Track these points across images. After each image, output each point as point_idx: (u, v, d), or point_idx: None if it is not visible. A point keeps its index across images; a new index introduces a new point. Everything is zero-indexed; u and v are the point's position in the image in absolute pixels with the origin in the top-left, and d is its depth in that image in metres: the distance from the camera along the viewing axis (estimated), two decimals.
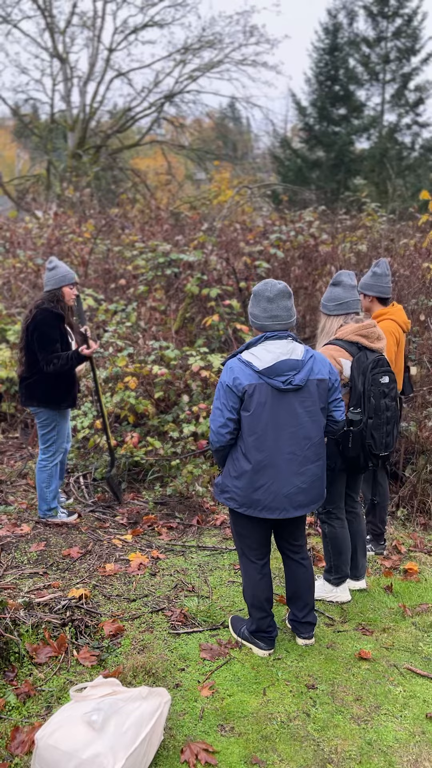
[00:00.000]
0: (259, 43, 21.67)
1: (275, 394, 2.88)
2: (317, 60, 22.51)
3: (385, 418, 3.36)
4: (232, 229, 8.44)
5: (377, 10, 22.61)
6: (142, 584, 3.90)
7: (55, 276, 4.59)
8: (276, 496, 2.93)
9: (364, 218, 9.40)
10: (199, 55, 21.93)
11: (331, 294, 3.53)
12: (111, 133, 21.58)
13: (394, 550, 4.54)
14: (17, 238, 8.87)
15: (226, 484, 3.03)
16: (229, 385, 2.89)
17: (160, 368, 5.75)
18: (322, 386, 2.95)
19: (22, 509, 4.98)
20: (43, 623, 3.21)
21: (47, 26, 21.00)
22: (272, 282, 2.97)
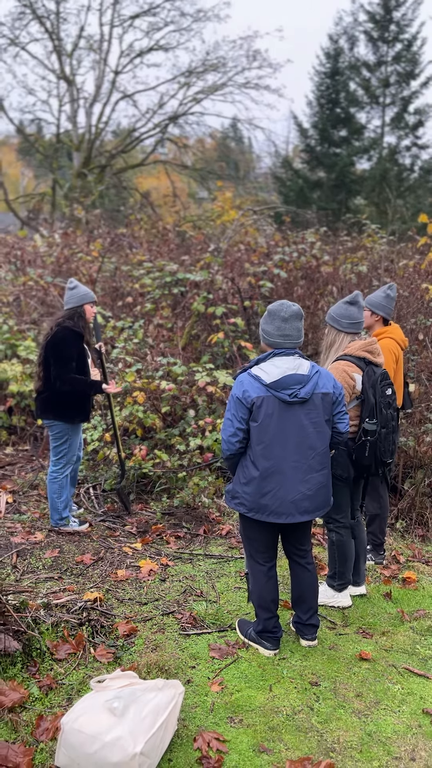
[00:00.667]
0: (262, 67, 22.19)
1: (282, 406, 3.10)
2: (318, 83, 23.02)
3: (391, 427, 3.64)
4: (236, 250, 8.71)
5: (378, 35, 23.18)
6: (152, 589, 4.09)
7: (77, 294, 4.81)
8: (282, 502, 3.14)
9: (364, 239, 9.68)
10: (203, 78, 22.44)
11: (347, 312, 3.73)
12: (116, 153, 22.01)
13: (393, 559, 4.73)
14: (27, 257, 9.14)
15: (236, 490, 3.25)
16: (239, 397, 3.12)
17: (168, 383, 5.97)
18: (326, 399, 3.18)
19: (35, 518, 5.17)
20: (61, 622, 3.40)
21: (54, 49, 21.51)
22: (288, 303, 3.21)
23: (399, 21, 22.90)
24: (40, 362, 4.83)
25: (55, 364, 4.68)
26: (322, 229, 9.27)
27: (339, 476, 3.66)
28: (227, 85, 22.39)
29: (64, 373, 4.67)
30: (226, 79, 22.35)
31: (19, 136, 24.44)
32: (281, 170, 23.98)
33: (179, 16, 22.20)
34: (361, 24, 23.43)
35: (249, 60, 22.13)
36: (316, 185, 22.57)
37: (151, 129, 22.80)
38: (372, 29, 23.23)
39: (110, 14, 21.80)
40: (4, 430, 7.25)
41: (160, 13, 22.05)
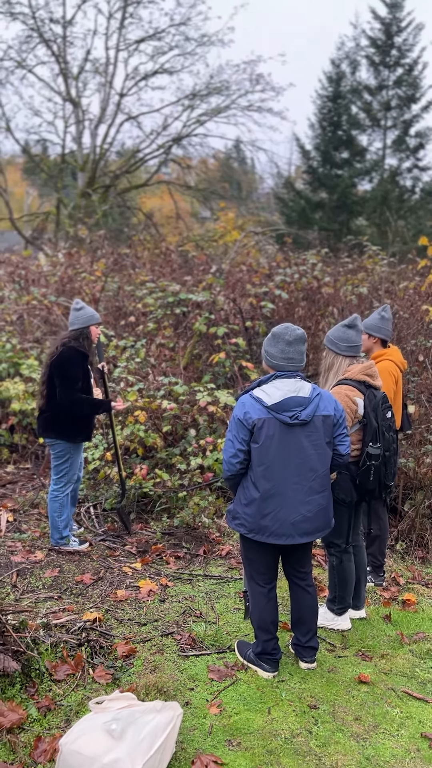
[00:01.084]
0: (265, 91, 22.45)
1: (283, 428, 3.13)
2: (321, 106, 23.33)
3: (393, 449, 3.67)
4: (238, 270, 8.79)
5: (379, 60, 23.53)
6: (152, 609, 4.09)
7: (83, 315, 4.86)
8: (283, 523, 3.16)
9: (365, 261, 9.76)
10: (206, 101, 22.74)
11: (345, 335, 3.75)
12: (120, 174, 22.26)
13: (393, 581, 4.72)
14: (31, 276, 9.23)
15: (237, 511, 3.27)
16: (240, 418, 3.15)
17: (169, 403, 6.00)
18: (327, 422, 3.21)
19: (35, 537, 5.18)
20: (60, 643, 3.40)
21: (61, 72, 21.85)
22: (292, 327, 3.26)
23: (400, 46, 23.25)
24: (44, 381, 4.87)
25: (61, 386, 4.72)
26: (323, 251, 9.36)
27: (342, 501, 3.68)
28: (230, 108, 22.70)
29: (71, 394, 4.71)
30: (230, 101, 22.66)
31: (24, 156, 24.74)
32: (283, 191, 24.23)
33: (184, 40, 22.47)
34: (363, 49, 23.80)
35: (252, 83, 22.44)
36: (318, 206, 22.79)
37: (155, 150, 23.08)
38: (373, 54, 23.59)
39: (116, 38, 22.11)
40: (6, 448, 7.27)
41: (165, 38, 22.40)
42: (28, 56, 21.79)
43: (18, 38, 22.06)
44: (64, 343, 4.80)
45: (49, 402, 4.84)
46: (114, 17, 21.96)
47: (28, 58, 21.81)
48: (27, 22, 21.35)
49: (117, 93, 22.39)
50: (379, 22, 23.35)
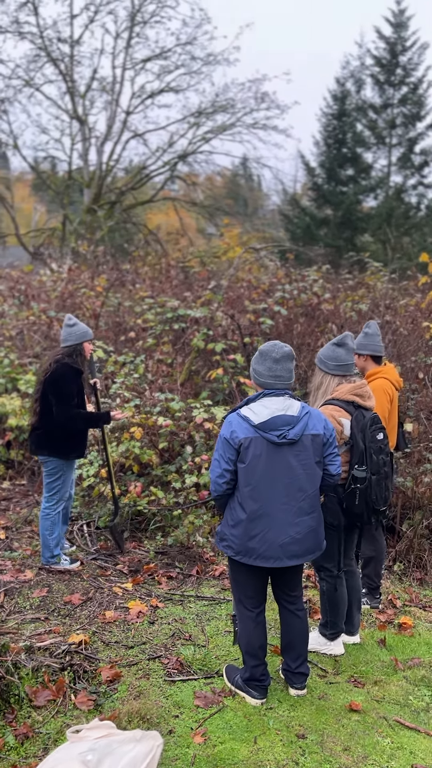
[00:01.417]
0: (270, 109, 22.59)
1: (271, 448, 3.05)
2: (326, 124, 23.47)
3: (384, 473, 3.53)
4: (239, 286, 8.76)
5: (384, 78, 23.70)
6: (140, 632, 4.00)
7: (76, 332, 4.81)
8: (270, 545, 3.07)
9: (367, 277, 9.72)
10: (212, 119, 22.90)
11: (334, 353, 3.66)
12: (126, 190, 22.40)
13: (389, 604, 4.61)
14: (32, 291, 9.23)
15: (224, 532, 3.19)
16: (227, 438, 3.08)
17: (165, 419, 5.94)
18: (316, 441, 3.13)
19: (26, 555, 5.10)
20: (42, 667, 3.31)
21: (68, 90, 22.08)
22: (280, 344, 3.19)
23: (405, 65, 23.42)
24: (37, 398, 4.81)
25: (57, 403, 4.66)
26: (325, 267, 9.32)
27: (330, 524, 3.57)
28: (236, 126, 22.84)
29: (67, 410, 4.66)
30: (235, 119, 22.81)
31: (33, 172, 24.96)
32: (288, 208, 24.31)
33: (190, 59, 22.66)
34: (368, 68, 23.99)
35: (257, 101, 22.60)
36: (323, 222, 22.84)
37: (160, 167, 23.23)
38: (378, 73, 23.76)
39: (123, 57, 22.35)
40: (2, 464, 7.21)
41: (171, 57, 22.61)
42: (36, 75, 22.07)
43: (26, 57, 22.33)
44: (57, 359, 4.75)
45: (42, 419, 4.79)
46: (121, 37, 22.24)
47: (36, 76, 22.08)
48: (35, 42, 21.65)
49: (123, 111, 22.62)
50: (384, 41, 23.56)
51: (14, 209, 22.16)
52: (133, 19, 21.96)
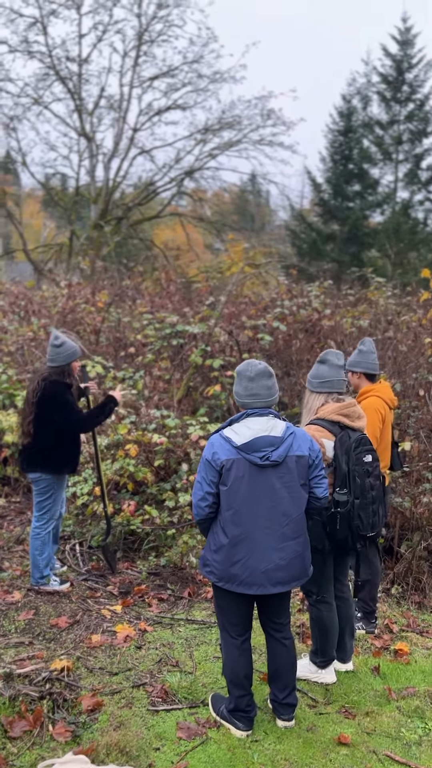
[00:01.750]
0: (276, 125, 22.67)
1: (253, 470, 2.95)
2: (332, 140, 23.52)
3: (371, 497, 3.37)
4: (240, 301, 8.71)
5: (390, 95, 23.74)
6: (126, 657, 3.88)
7: (64, 352, 4.71)
8: (253, 572, 2.96)
9: (369, 292, 9.63)
10: (218, 135, 23.01)
11: (316, 371, 3.60)
12: (132, 206, 22.50)
13: (386, 628, 4.47)
14: (33, 307, 9.21)
15: (207, 558, 3.09)
16: (209, 459, 2.99)
17: (160, 437, 5.85)
18: (301, 462, 3.02)
19: (15, 576, 5.01)
20: (20, 696, 3.21)
21: (76, 108, 22.27)
22: (254, 362, 3.11)
23: (411, 82, 23.47)
24: (30, 420, 4.70)
25: (62, 414, 4.62)
26: (327, 282, 9.25)
27: (314, 548, 3.44)
28: (242, 142, 22.92)
29: (75, 416, 4.65)
30: (241, 136, 22.90)
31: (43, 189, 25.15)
32: (295, 223, 24.33)
33: (197, 77, 22.80)
34: (374, 85, 24.05)
35: (263, 118, 22.69)
36: (329, 238, 22.82)
37: (167, 183, 23.35)
38: (385, 90, 23.81)
39: (130, 76, 22.52)
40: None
41: (178, 75, 22.76)
42: (44, 93, 22.27)
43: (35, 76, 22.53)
44: (44, 377, 4.68)
45: (35, 438, 4.71)
46: (129, 55, 22.44)
47: (45, 95, 22.29)
48: (44, 61, 21.88)
49: (131, 128, 22.76)
50: (390, 59, 23.63)
51: (22, 225, 22.31)
52: (140, 38, 22.18)
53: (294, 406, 6.86)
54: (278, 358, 7.26)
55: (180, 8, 21.96)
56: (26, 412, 4.75)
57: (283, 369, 7.23)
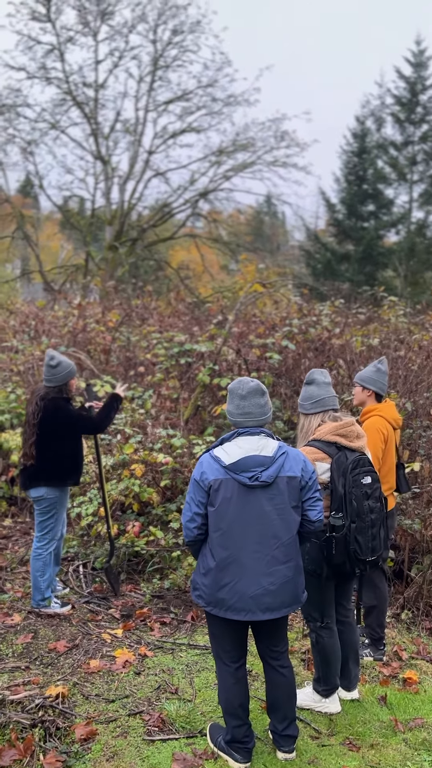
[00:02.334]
0: (290, 147, 22.80)
1: (242, 491, 2.87)
2: (346, 161, 23.59)
3: (370, 520, 3.25)
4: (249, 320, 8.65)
5: (404, 116, 23.81)
6: (124, 683, 3.78)
7: (60, 373, 4.68)
8: (241, 597, 2.86)
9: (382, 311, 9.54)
10: (233, 157, 23.19)
11: (306, 393, 3.51)
12: (147, 227, 22.68)
13: (394, 656, 4.32)
14: (43, 326, 9.24)
15: (196, 581, 2.99)
16: (197, 479, 2.91)
17: (165, 456, 5.77)
18: (292, 484, 2.92)
19: (16, 597, 4.93)
20: (11, 723, 3.12)
21: (92, 132, 22.61)
22: (246, 380, 3.03)
23: (425, 104, 23.52)
24: (33, 442, 4.66)
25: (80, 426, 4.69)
26: (338, 302, 9.18)
27: (312, 572, 3.33)
28: (256, 164, 23.08)
29: (89, 420, 4.71)
30: (255, 157, 23.06)
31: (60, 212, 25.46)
32: (309, 243, 24.36)
33: (211, 101, 23.06)
34: (388, 106, 24.16)
35: (277, 140, 22.84)
36: (344, 258, 22.80)
37: (182, 204, 23.53)
38: (399, 111, 23.89)
39: (145, 100, 22.86)
40: (5, 500, 7.10)
41: (192, 99, 23.04)
42: (61, 118, 22.65)
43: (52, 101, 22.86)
44: (42, 396, 4.66)
45: (38, 458, 4.66)
46: (144, 80, 22.77)
47: (62, 119, 22.66)
48: (61, 87, 22.27)
49: (146, 151, 23.03)
50: (404, 81, 23.74)
51: (38, 247, 22.56)
52: (155, 63, 22.53)
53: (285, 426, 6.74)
54: (287, 377, 7.18)
55: (194, 34, 22.23)
56: (27, 433, 4.71)
57: (293, 388, 7.14)
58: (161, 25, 22.20)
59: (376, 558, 3.31)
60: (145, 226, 22.76)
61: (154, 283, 18.58)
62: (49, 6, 20.68)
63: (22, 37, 21.18)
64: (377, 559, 3.34)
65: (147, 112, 22.83)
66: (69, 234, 31.84)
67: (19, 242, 22.80)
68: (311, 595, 3.34)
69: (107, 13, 21.49)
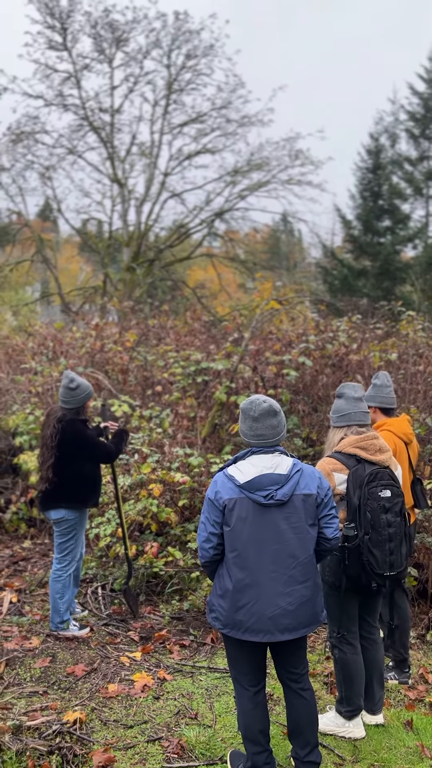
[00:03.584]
0: (304, 165, 22.93)
1: (257, 510, 2.82)
2: (361, 178, 23.60)
3: (387, 534, 3.20)
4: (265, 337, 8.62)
5: (419, 132, 23.84)
6: (143, 708, 3.71)
7: (79, 395, 4.69)
8: (259, 618, 2.79)
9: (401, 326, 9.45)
10: (248, 177, 23.35)
11: (335, 406, 3.54)
12: (164, 248, 22.86)
13: (420, 678, 4.20)
14: (61, 347, 9.29)
15: (213, 603, 2.93)
16: (211, 498, 2.87)
17: (183, 476, 5.73)
18: (309, 501, 2.87)
19: (35, 620, 4.89)
20: (28, 750, 3.07)
21: (109, 156, 22.94)
22: (258, 400, 2.98)
23: None
24: (51, 463, 4.65)
25: (94, 452, 4.67)
26: (355, 317, 9.12)
27: (332, 584, 3.29)
28: (271, 182, 23.20)
29: (104, 447, 4.70)
30: (270, 176, 23.19)
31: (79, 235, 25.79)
32: (326, 260, 24.36)
33: (225, 122, 23.29)
34: (402, 122, 24.20)
35: (291, 159, 22.98)
36: (361, 273, 22.73)
37: (198, 225, 23.69)
38: (413, 127, 23.94)
39: (160, 123, 23.16)
40: (24, 522, 7.10)
41: (207, 121, 23.28)
42: (78, 143, 23.03)
43: (69, 127, 23.26)
44: (59, 418, 4.65)
45: (57, 480, 4.65)
46: (159, 104, 23.10)
47: (79, 144, 23.03)
48: (78, 113, 22.68)
49: (161, 173, 23.28)
50: (417, 97, 23.81)
51: (57, 270, 22.83)
52: (170, 87, 22.86)
53: (322, 442, 6.68)
54: (305, 394, 7.12)
55: (208, 58, 22.53)
56: (45, 456, 4.69)
57: (311, 405, 7.08)
58: (175, 50, 22.56)
59: (396, 574, 3.24)
60: (162, 247, 22.95)
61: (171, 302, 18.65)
62: (65, 35, 21.11)
63: (39, 65, 21.61)
64: (398, 575, 3.26)
65: (162, 135, 23.12)
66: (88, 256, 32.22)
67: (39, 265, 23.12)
68: (331, 608, 3.28)
69: (122, 40, 21.89)
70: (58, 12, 20.74)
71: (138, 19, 21.57)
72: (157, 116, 23.14)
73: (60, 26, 21.00)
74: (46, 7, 20.60)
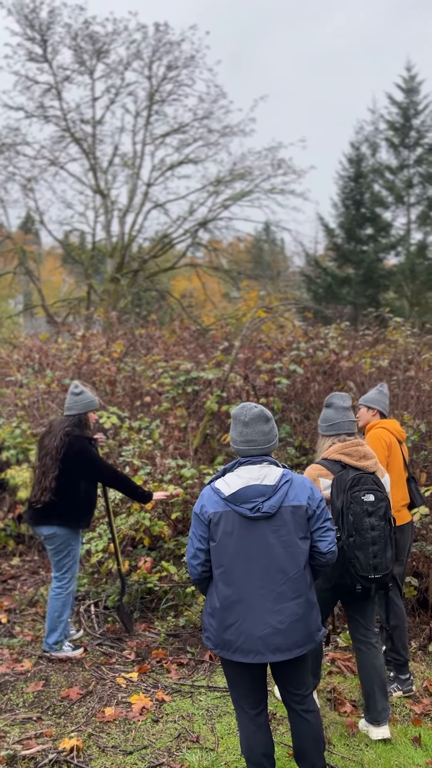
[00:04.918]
0: (287, 174, 22.97)
1: (244, 523, 2.70)
2: (343, 186, 23.74)
3: (371, 537, 3.23)
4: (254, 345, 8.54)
5: (399, 141, 24.03)
6: (142, 733, 3.57)
7: (82, 401, 4.60)
8: (248, 638, 2.66)
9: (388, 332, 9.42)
10: (230, 186, 23.36)
11: (324, 415, 3.63)
12: (147, 259, 22.78)
13: (425, 691, 4.10)
14: (47, 359, 9.14)
15: (205, 622, 2.82)
16: (197, 512, 2.77)
17: (175, 488, 5.61)
18: (298, 513, 2.73)
19: (26, 642, 4.73)
20: None
21: (91, 167, 22.84)
22: (249, 406, 2.88)
23: (419, 128, 23.76)
24: (54, 476, 4.48)
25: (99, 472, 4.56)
26: (344, 324, 9.07)
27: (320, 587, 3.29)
28: (254, 192, 23.21)
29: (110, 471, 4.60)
30: (253, 186, 23.21)
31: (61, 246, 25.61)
32: (310, 268, 24.43)
33: (207, 132, 23.29)
34: (382, 132, 24.39)
35: (274, 168, 23.02)
36: (345, 281, 22.83)
37: (182, 235, 23.64)
38: (393, 136, 24.12)
39: (142, 134, 23.11)
40: (12, 539, 6.92)
41: (189, 131, 23.25)
42: (60, 154, 22.89)
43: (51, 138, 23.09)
44: (66, 432, 4.49)
45: (57, 493, 4.49)
46: (140, 115, 23.06)
47: (61, 156, 22.90)
48: (59, 124, 22.56)
49: (144, 183, 23.21)
50: (396, 106, 24.01)
51: (40, 281, 22.64)
52: (151, 98, 22.84)
53: (315, 451, 6.59)
54: (297, 402, 7.04)
55: (189, 69, 22.54)
56: (48, 467, 4.51)
57: (302, 412, 6.99)
58: (156, 61, 22.55)
59: (381, 576, 3.25)
60: (146, 257, 22.86)
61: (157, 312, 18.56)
62: (45, 47, 21.03)
63: (19, 77, 21.49)
64: (383, 578, 3.27)
65: (144, 146, 23.08)
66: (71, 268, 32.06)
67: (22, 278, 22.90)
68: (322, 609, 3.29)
69: (102, 51, 21.84)
70: (37, 24, 20.67)
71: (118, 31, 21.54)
72: (139, 127, 23.10)
73: (40, 38, 20.92)
74: (26, 19, 20.53)
